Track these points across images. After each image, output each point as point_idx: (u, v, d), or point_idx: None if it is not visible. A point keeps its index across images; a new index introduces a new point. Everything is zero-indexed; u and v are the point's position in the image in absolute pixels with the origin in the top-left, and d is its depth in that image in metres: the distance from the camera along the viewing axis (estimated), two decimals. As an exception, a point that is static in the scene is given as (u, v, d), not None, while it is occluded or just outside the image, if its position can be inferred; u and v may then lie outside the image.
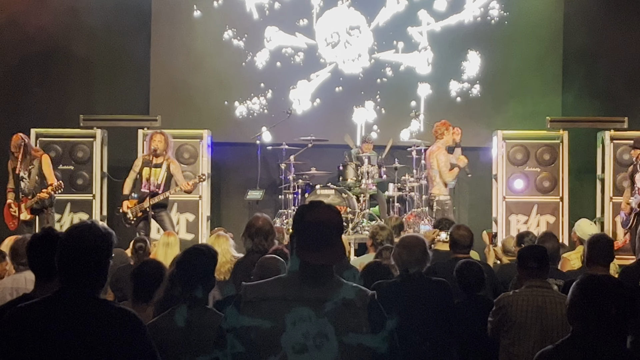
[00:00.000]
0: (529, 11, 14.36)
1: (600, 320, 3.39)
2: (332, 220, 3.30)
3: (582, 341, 3.42)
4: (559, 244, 7.74)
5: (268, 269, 5.11)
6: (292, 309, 3.16)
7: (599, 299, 3.41)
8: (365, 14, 14.59)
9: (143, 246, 8.22)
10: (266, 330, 3.15)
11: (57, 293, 3.46)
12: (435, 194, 11.55)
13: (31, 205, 10.72)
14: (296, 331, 3.14)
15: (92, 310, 3.40)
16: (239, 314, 3.20)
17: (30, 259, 4.23)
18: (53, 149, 12.59)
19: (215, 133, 13.53)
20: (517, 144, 13.18)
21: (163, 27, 14.40)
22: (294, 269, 3.28)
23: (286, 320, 3.15)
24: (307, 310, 3.16)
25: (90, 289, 3.46)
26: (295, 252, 3.29)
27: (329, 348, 3.12)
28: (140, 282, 5.54)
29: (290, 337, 3.13)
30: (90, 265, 3.46)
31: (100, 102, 13.80)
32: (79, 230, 3.53)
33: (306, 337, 3.13)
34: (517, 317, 5.53)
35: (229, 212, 14.36)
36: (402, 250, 5.74)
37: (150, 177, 10.78)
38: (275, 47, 14.51)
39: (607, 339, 3.39)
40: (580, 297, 3.46)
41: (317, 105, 14.54)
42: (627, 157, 12.38)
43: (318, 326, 3.13)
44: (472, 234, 7.43)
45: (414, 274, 5.68)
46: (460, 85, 14.52)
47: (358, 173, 12.95)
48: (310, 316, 3.15)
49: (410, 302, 5.42)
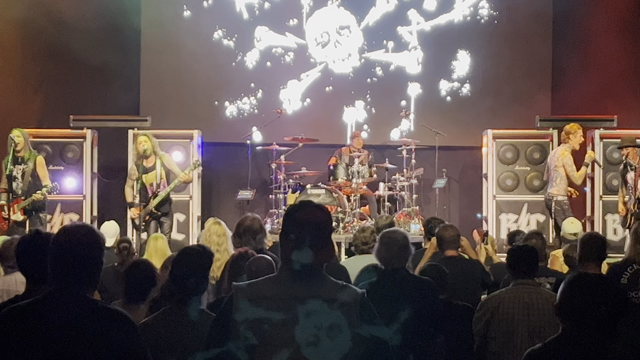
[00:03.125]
0: (518, 10, 14.38)
1: (590, 319, 3.39)
2: (321, 220, 3.32)
3: (571, 339, 3.43)
4: (544, 241, 7.77)
5: (260, 268, 5.11)
6: (283, 308, 3.17)
7: (589, 298, 3.42)
8: (355, 13, 14.61)
9: (127, 246, 8.21)
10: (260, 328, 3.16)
11: (49, 294, 3.45)
12: (554, 194, 11.50)
13: (24, 206, 10.68)
14: (287, 330, 3.14)
15: (84, 311, 3.40)
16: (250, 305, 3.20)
17: (20, 261, 4.22)
18: (43, 150, 12.55)
19: (205, 133, 13.52)
20: (507, 143, 13.21)
21: (153, 27, 14.38)
22: (284, 268, 3.30)
23: (277, 319, 3.16)
24: (298, 308, 3.17)
25: (82, 290, 3.46)
26: (284, 251, 3.31)
27: (320, 346, 3.13)
28: (132, 282, 5.55)
29: (281, 335, 3.14)
30: (83, 266, 3.46)
31: (90, 103, 13.75)
32: (72, 231, 3.54)
33: (297, 335, 3.13)
34: (505, 314, 5.59)
35: (220, 212, 14.30)
36: (381, 247, 5.71)
37: (151, 182, 10.74)
38: (265, 47, 14.52)
39: (596, 338, 3.40)
40: (570, 295, 3.47)
41: (307, 105, 14.55)
42: (617, 155, 12.43)
43: (309, 324, 3.14)
44: (458, 231, 7.49)
45: (396, 270, 5.64)
46: (450, 84, 14.55)
47: (348, 173, 12.97)
48: (301, 315, 3.16)
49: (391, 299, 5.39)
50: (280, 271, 3.33)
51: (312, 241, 3.24)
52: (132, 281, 5.56)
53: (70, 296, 3.42)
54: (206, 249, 4.71)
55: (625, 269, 6.52)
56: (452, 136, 13.74)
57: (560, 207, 11.41)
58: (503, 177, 13.13)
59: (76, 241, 3.48)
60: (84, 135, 12.95)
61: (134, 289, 5.53)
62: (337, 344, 3.15)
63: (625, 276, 6.45)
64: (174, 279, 4.48)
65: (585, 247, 6.41)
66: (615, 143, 12.45)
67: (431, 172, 13.61)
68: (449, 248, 7.31)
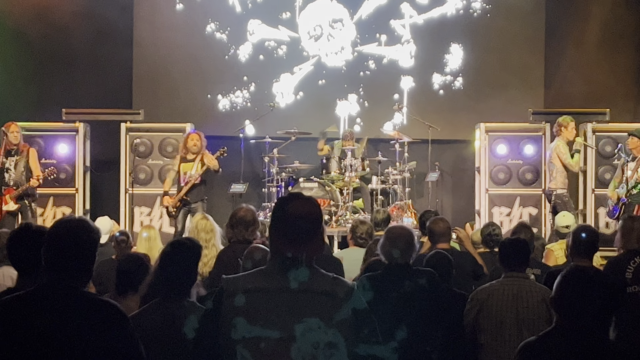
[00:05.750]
0: (511, 4, 14.37)
1: (584, 312, 3.41)
2: (311, 212, 3.31)
3: (565, 332, 3.44)
4: (532, 234, 7.81)
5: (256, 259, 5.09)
6: (272, 301, 3.18)
7: (583, 291, 3.43)
8: (348, 7, 14.59)
9: (125, 239, 8.21)
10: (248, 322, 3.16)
11: (41, 286, 3.47)
12: (553, 187, 11.55)
13: (17, 194, 10.90)
14: (278, 323, 3.14)
15: (75, 303, 3.42)
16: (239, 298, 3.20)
17: (11, 254, 4.23)
18: (35, 143, 12.53)
19: (198, 126, 13.47)
20: (500, 137, 13.21)
21: (145, 21, 14.36)
22: (274, 261, 3.29)
23: (267, 311, 3.16)
24: (288, 301, 3.17)
25: (76, 282, 3.48)
26: (274, 244, 3.31)
27: (310, 339, 3.13)
28: (123, 274, 5.55)
29: (270, 328, 3.14)
30: (76, 259, 3.48)
31: (83, 96, 13.71)
32: (67, 225, 3.56)
33: (288, 328, 3.13)
34: (494, 306, 5.63)
35: (212, 206, 14.30)
36: (387, 242, 5.71)
37: (186, 172, 11.28)
38: (258, 40, 14.50)
39: (590, 331, 3.41)
40: (565, 288, 3.48)
41: (300, 99, 14.54)
42: (610, 149, 12.47)
43: (300, 317, 3.14)
44: (449, 224, 7.51)
45: (400, 265, 5.65)
46: (443, 78, 14.55)
47: (341, 166, 12.97)
48: (291, 308, 3.16)
49: (395, 293, 5.41)
50: (269, 264, 3.32)
51: (301, 234, 3.24)
52: (123, 274, 5.56)
53: (62, 288, 3.44)
54: (195, 241, 4.72)
55: (628, 263, 6.45)
56: (445, 130, 13.74)
57: (560, 200, 11.45)
58: (496, 171, 13.14)
59: (71, 234, 3.50)
60: (77, 129, 12.93)
61: (125, 282, 5.53)
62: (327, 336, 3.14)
63: (630, 270, 6.41)
64: (162, 272, 4.49)
65: (577, 240, 6.41)
66: (608, 137, 12.50)
67: (424, 166, 13.61)
68: (440, 241, 7.32)
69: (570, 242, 6.46)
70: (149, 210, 12.99)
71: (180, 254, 4.51)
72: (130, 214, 12.85)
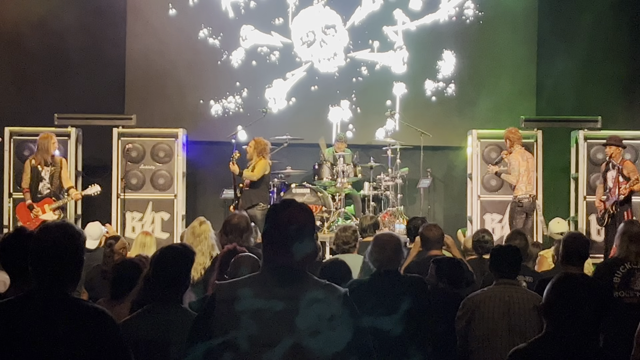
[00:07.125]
0: (503, 11, 14.41)
1: (574, 320, 3.40)
2: (304, 220, 3.31)
3: (555, 339, 3.44)
4: (526, 241, 7.83)
5: (243, 267, 5.10)
6: (264, 307, 3.18)
7: (573, 298, 3.43)
8: (340, 13, 14.61)
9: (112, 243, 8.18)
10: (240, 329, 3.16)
11: (29, 292, 3.45)
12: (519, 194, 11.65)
13: (58, 206, 11.45)
14: (269, 329, 3.15)
15: (64, 309, 3.40)
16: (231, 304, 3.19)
17: (3, 259, 4.21)
18: (27, 148, 12.51)
19: (190, 132, 13.52)
20: (492, 143, 13.22)
21: (138, 26, 14.34)
22: (266, 268, 3.30)
23: (258, 318, 3.16)
24: (281, 308, 3.17)
25: (63, 288, 3.46)
26: (266, 251, 3.31)
27: (302, 346, 3.13)
28: (116, 280, 5.54)
29: (262, 334, 3.14)
30: (62, 265, 3.45)
31: (75, 101, 13.70)
32: (50, 230, 3.53)
33: (279, 335, 3.13)
34: (486, 313, 5.64)
35: (205, 211, 14.29)
36: (374, 249, 5.72)
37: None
38: (250, 46, 14.50)
39: (580, 338, 3.41)
40: (554, 295, 3.48)
41: (293, 105, 14.55)
42: (601, 156, 12.49)
43: (291, 324, 3.14)
44: (442, 230, 7.53)
45: (388, 272, 5.65)
46: (436, 84, 14.57)
47: (333, 172, 12.98)
48: (282, 314, 3.16)
49: (382, 300, 5.41)
50: (262, 270, 3.32)
51: (293, 241, 3.24)
52: (116, 280, 5.56)
53: (50, 294, 3.42)
54: (187, 247, 4.69)
55: (617, 269, 6.48)
56: (437, 136, 13.76)
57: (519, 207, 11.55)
58: (487, 177, 13.15)
59: (55, 239, 3.47)
60: (69, 134, 12.92)
61: (118, 288, 5.53)
62: (318, 342, 3.15)
63: (618, 275, 6.44)
64: (155, 277, 4.47)
65: (568, 246, 6.42)
66: (600, 144, 12.53)
67: (416, 172, 13.63)
68: (433, 248, 7.33)
69: (561, 250, 6.48)
70: (141, 215, 12.98)
71: (173, 259, 4.48)
72: (122, 219, 12.84)
